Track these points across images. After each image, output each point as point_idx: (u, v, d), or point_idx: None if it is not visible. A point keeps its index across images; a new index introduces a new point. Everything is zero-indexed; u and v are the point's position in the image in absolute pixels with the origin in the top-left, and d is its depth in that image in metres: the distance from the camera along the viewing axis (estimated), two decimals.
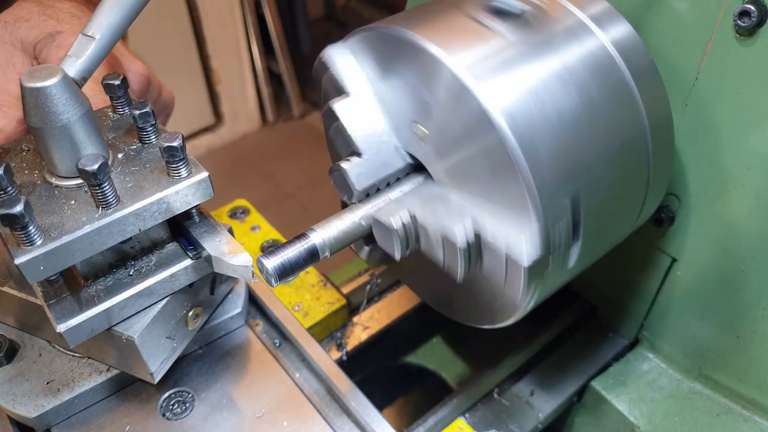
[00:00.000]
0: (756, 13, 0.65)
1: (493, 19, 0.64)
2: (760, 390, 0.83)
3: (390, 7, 3.90)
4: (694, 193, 0.80)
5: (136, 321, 0.66)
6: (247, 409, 0.75)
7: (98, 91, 0.73)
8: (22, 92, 0.58)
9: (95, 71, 0.64)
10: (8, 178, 0.61)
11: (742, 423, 0.85)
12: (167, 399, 0.75)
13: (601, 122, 0.63)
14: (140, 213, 0.61)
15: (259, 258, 0.62)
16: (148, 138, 0.68)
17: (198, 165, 0.65)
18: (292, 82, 3.83)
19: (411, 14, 0.68)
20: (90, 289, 0.65)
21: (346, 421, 0.77)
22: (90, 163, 0.56)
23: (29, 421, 0.70)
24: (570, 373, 0.96)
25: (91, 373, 0.73)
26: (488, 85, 0.58)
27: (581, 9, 0.68)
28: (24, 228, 0.55)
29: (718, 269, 0.82)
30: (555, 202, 0.59)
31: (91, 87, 0.74)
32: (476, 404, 0.92)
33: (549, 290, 0.69)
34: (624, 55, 0.66)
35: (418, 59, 0.62)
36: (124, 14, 0.63)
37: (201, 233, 0.69)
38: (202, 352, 0.81)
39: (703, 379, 0.90)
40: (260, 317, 0.88)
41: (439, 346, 1.14)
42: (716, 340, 0.86)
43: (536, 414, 0.91)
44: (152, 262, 0.68)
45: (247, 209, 1.11)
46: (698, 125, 0.76)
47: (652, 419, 0.89)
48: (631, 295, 0.96)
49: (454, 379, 1.09)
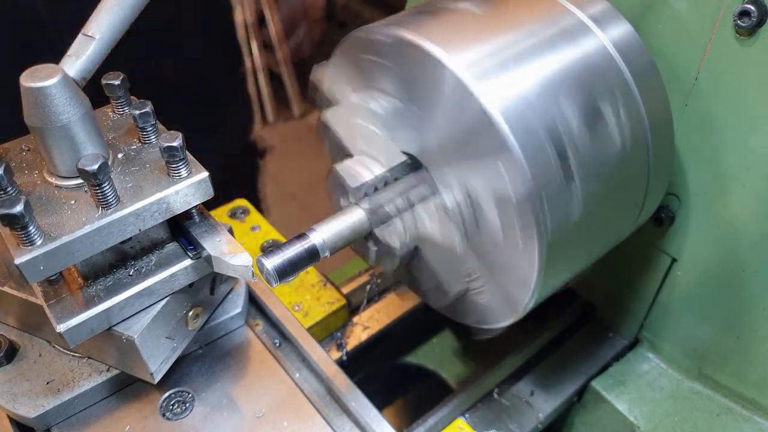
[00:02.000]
0: (756, 13, 0.65)
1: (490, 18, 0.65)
2: (760, 390, 0.83)
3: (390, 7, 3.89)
4: (694, 193, 0.80)
5: (136, 321, 0.66)
6: (247, 409, 0.74)
7: None
8: (22, 92, 0.58)
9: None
10: (8, 178, 0.61)
11: (742, 423, 0.85)
12: (167, 399, 0.75)
13: (600, 122, 0.63)
14: (140, 213, 0.61)
15: (259, 258, 0.62)
16: (148, 138, 0.68)
17: (198, 165, 0.65)
18: (292, 82, 3.83)
19: (406, 15, 0.68)
20: (90, 289, 0.65)
21: (346, 421, 0.77)
22: (90, 163, 0.56)
23: (29, 421, 0.70)
24: (570, 373, 0.96)
25: (91, 373, 0.73)
26: (487, 84, 0.58)
27: (581, 9, 0.68)
28: (24, 228, 0.55)
29: (718, 269, 0.82)
30: (542, 158, 0.59)
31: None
32: (476, 404, 0.92)
33: (557, 265, 0.67)
34: (624, 55, 0.66)
35: (412, 57, 0.62)
36: (124, 14, 0.63)
37: (201, 233, 0.69)
38: (202, 352, 0.81)
39: (703, 379, 0.90)
40: (260, 317, 0.88)
41: (439, 346, 1.14)
42: (716, 340, 0.86)
43: (536, 414, 0.91)
44: (152, 262, 0.68)
45: (247, 209, 1.11)
46: (698, 125, 0.76)
47: (652, 419, 0.89)
48: (631, 295, 0.96)
49: (454, 379, 1.09)
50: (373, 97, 0.71)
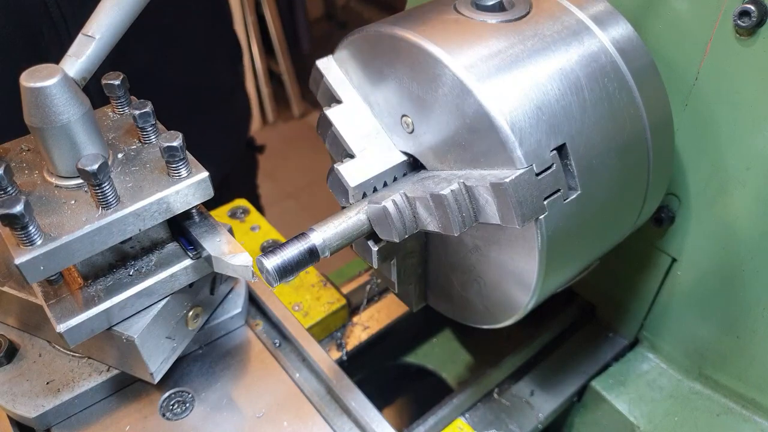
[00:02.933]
0: (756, 13, 0.65)
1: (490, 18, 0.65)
2: (760, 390, 0.83)
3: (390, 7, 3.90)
4: (694, 193, 0.80)
5: (136, 321, 0.66)
6: (247, 409, 0.75)
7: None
8: (22, 92, 0.58)
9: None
10: (8, 178, 0.61)
11: (742, 423, 0.85)
12: (167, 399, 0.75)
13: (601, 122, 0.63)
14: (140, 213, 0.61)
15: (259, 258, 0.62)
16: (148, 138, 0.68)
17: (198, 165, 0.65)
18: (292, 82, 3.83)
19: (407, 15, 0.68)
20: (90, 289, 0.65)
21: (346, 421, 0.77)
22: (90, 163, 0.56)
23: (29, 421, 0.70)
24: (570, 373, 0.96)
25: (91, 373, 0.73)
26: (488, 85, 0.58)
27: (581, 9, 0.68)
28: (24, 228, 0.55)
29: (718, 269, 0.82)
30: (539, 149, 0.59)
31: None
32: (476, 404, 0.92)
33: (558, 257, 0.66)
34: (624, 55, 0.66)
35: (413, 58, 0.62)
36: (124, 14, 0.63)
37: (201, 233, 0.69)
38: (202, 352, 0.81)
39: (703, 379, 0.90)
40: (260, 317, 0.88)
41: (439, 346, 1.13)
42: (716, 340, 0.86)
43: (536, 414, 0.91)
44: (152, 262, 0.68)
45: (247, 209, 1.11)
46: (698, 125, 0.76)
47: (652, 419, 0.89)
48: (631, 295, 0.96)
49: (454, 379, 1.09)
50: (374, 95, 0.71)
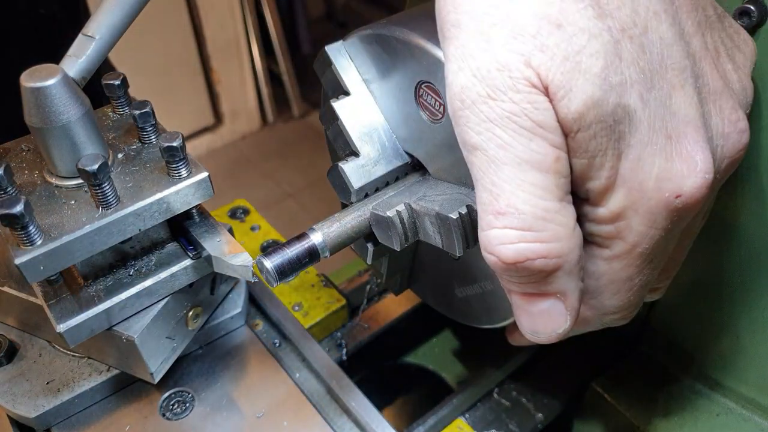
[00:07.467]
0: (756, 13, 0.65)
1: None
2: (760, 390, 0.83)
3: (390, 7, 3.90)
4: None
5: (136, 321, 0.66)
6: (247, 409, 0.75)
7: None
8: (22, 92, 0.58)
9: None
10: (8, 178, 0.61)
11: (742, 423, 0.85)
12: (167, 399, 0.75)
13: None
14: (140, 213, 0.61)
15: (259, 258, 0.62)
16: (148, 138, 0.68)
17: (198, 165, 0.65)
18: (292, 82, 3.83)
19: (413, 14, 0.68)
20: (90, 289, 0.65)
21: (346, 421, 0.77)
22: (90, 163, 0.56)
23: (29, 421, 0.70)
24: (570, 373, 0.96)
25: (91, 373, 0.73)
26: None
27: None
28: (24, 228, 0.55)
29: (718, 269, 0.82)
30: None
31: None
32: (476, 404, 0.92)
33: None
34: None
35: (419, 58, 0.62)
36: (124, 14, 0.63)
37: (201, 233, 0.69)
38: (202, 352, 0.81)
39: (703, 379, 0.90)
40: (260, 317, 0.88)
41: (439, 346, 1.13)
42: (716, 339, 0.86)
43: (536, 414, 0.91)
44: (152, 262, 0.68)
45: (247, 209, 1.11)
46: None
47: (652, 419, 0.89)
48: None
49: (454, 379, 1.09)
50: (381, 92, 0.70)
